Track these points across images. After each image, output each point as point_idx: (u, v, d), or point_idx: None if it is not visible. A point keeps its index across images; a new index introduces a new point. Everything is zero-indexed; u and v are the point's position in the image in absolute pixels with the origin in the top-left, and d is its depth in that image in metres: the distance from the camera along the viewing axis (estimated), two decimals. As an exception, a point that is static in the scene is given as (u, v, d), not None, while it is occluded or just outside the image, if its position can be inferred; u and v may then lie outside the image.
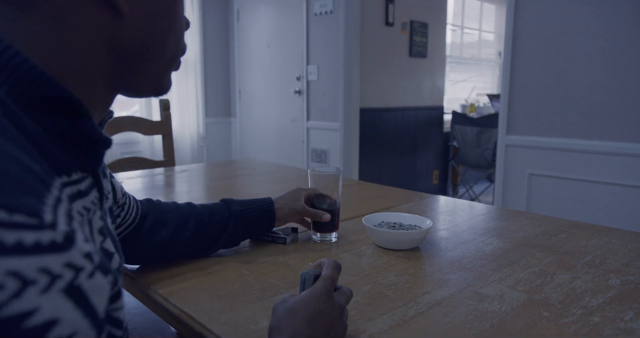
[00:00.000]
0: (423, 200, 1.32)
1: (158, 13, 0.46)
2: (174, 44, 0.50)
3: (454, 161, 4.50)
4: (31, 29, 0.39)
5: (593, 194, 2.26)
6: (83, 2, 0.40)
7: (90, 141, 0.42)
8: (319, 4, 3.51)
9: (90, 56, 0.42)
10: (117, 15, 0.43)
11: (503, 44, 2.57)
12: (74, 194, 0.41)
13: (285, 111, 3.99)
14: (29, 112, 0.37)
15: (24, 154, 0.32)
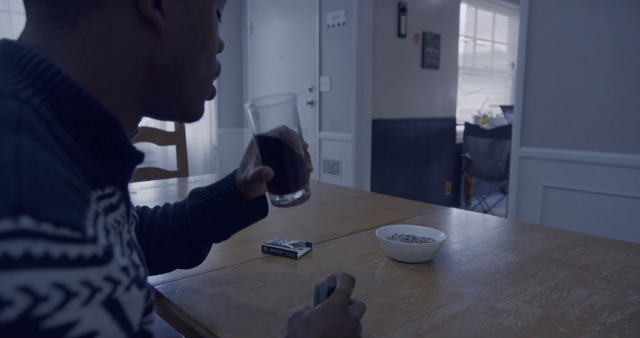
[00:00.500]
0: (436, 212, 1.31)
1: (194, 31, 0.47)
2: (207, 64, 0.50)
3: (467, 173, 4.47)
4: (71, 47, 0.41)
5: (609, 207, 2.23)
6: (123, 20, 0.42)
7: (123, 156, 0.43)
8: (332, 16, 3.54)
9: (126, 73, 0.44)
10: (154, 32, 0.44)
11: (516, 55, 2.56)
12: (107, 207, 0.42)
13: (298, 121, 4.00)
14: (67, 127, 0.38)
15: (65, 168, 0.33)
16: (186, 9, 0.46)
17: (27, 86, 0.38)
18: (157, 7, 0.43)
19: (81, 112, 0.39)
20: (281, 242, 0.96)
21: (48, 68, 0.38)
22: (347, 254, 0.95)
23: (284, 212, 1.29)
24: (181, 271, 0.83)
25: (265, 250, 0.95)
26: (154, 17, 0.43)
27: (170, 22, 0.45)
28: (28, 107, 0.35)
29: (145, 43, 0.44)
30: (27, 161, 0.29)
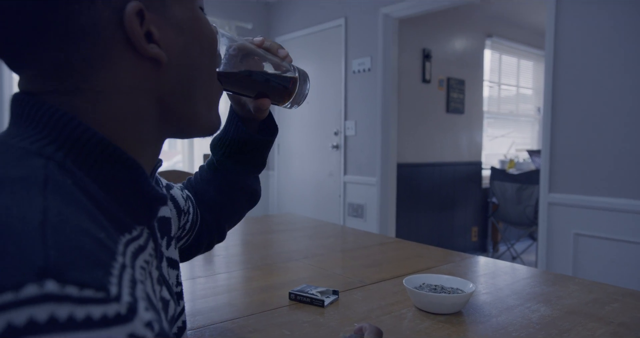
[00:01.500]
0: (463, 261, 1.29)
1: (190, 43, 0.47)
2: (207, 70, 0.51)
3: (494, 218, 4.39)
4: (79, 105, 0.41)
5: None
6: (125, 68, 0.42)
7: (147, 199, 0.45)
8: (358, 62, 3.64)
9: (139, 111, 0.45)
10: (158, 66, 0.44)
11: (542, 100, 2.57)
12: (136, 249, 0.42)
13: (323, 165, 4.05)
14: (92, 177, 0.40)
15: (91, 221, 0.34)
16: (176, 29, 0.46)
17: (50, 140, 0.39)
18: (151, 41, 0.43)
19: (104, 161, 0.40)
20: (308, 290, 0.96)
21: (70, 121, 0.39)
22: (374, 303, 0.94)
23: (310, 258, 1.29)
24: (209, 318, 0.83)
25: (292, 297, 0.95)
26: (153, 53, 0.43)
27: (168, 48, 0.45)
28: (53, 163, 0.37)
29: (153, 78, 0.45)
30: (53, 223, 0.30)
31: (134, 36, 0.41)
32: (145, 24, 0.42)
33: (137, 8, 0.41)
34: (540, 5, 4.06)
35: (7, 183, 0.33)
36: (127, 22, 0.41)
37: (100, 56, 0.41)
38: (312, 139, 4.16)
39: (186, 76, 0.48)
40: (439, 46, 4.02)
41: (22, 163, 0.36)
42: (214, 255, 1.35)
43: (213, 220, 0.78)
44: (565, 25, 2.42)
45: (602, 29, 2.28)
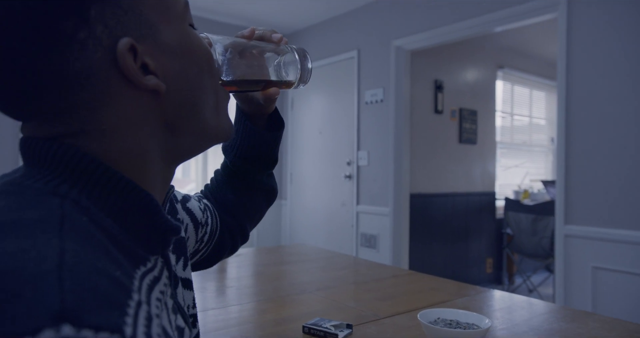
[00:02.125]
0: (479, 295, 1.27)
1: (186, 65, 0.47)
2: (209, 78, 0.51)
3: (509, 249, 4.32)
4: (87, 144, 0.42)
5: (667, 291, 2.09)
6: (126, 104, 0.43)
7: (160, 231, 0.45)
8: (370, 93, 3.69)
9: (147, 141, 0.45)
10: (158, 95, 0.44)
11: (555, 130, 2.56)
12: (152, 281, 0.43)
13: (336, 195, 4.05)
14: (106, 212, 0.40)
15: (107, 259, 0.35)
16: (170, 52, 0.46)
17: (64, 178, 0.39)
18: (147, 73, 0.43)
19: (117, 195, 0.41)
20: (322, 323, 0.95)
21: (82, 158, 0.40)
22: (389, 337, 0.92)
23: (323, 290, 1.28)
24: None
25: (306, 330, 0.94)
26: (151, 84, 0.43)
27: (165, 75, 0.45)
28: (69, 201, 0.37)
29: (155, 107, 0.45)
30: (69, 265, 0.31)
31: (130, 72, 0.41)
32: (139, 56, 0.42)
33: (129, 44, 0.41)
34: (551, 36, 4.10)
35: (25, 225, 0.34)
36: (121, 60, 0.41)
37: (100, 96, 0.41)
38: (324, 169, 4.18)
39: (188, 97, 0.48)
40: (450, 77, 4.06)
41: (38, 204, 0.36)
42: (226, 286, 1.35)
43: (234, 222, 0.78)
44: (576, 56, 2.44)
45: (614, 59, 2.29)
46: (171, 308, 0.49)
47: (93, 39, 0.40)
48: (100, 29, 0.40)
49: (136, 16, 0.43)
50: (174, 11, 0.47)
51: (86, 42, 0.39)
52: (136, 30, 0.43)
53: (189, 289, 0.61)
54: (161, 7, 0.46)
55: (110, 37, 0.41)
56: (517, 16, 2.78)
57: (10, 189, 0.39)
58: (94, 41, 0.40)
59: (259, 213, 0.82)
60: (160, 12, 0.45)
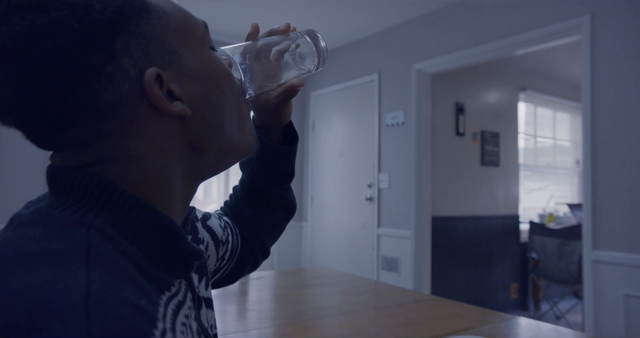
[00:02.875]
0: (504, 322, 1.24)
1: (209, 91, 0.48)
2: (234, 101, 0.52)
3: (534, 274, 4.21)
4: (114, 171, 0.43)
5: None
6: (154, 129, 0.44)
7: (183, 256, 0.46)
8: (391, 115, 3.70)
9: (172, 165, 0.46)
10: (184, 120, 0.46)
11: (581, 152, 2.52)
12: (177, 306, 0.43)
13: (356, 217, 4.03)
14: (130, 240, 0.41)
15: (132, 287, 0.35)
16: (194, 78, 0.47)
17: (90, 208, 0.40)
18: (173, 99, 0.45)
19: (141, 222, 0.42)
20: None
21: (106, 186, 0.41)
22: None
23: (345, 315, 1.26)
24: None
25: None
26: (178, 110, 0.44)
27: (189, 99, 0.46)
28: (94, 230, 0.38)
29: (180, 132, 0.46)
30: (96, 297, 0.32)
31: (157, 101, 0.43)
32: (165, 84, 0.44)
33: (155, 73, 0.43)
34: (574, 58, 4.07)
35: (52, 257, 0.35)
36: (148, 89, 0.42)
37: (128, 124, 0.43)
38: (345, 191, 4.17)
39: (212, 119, 0.49)
40: (472, 99, 4.05)
41: (65, 235, 0.37)
42: (247, 310, 1.35)
43: (254, 238, 0.78)
44: (601, 77, 2.41)
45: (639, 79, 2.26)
46: (195, 331, 0.49)
47: (120, 71, 0.41)
48: (126, 61, 0.42)
49: (159, 44, 0.44)
50: (194, 36, 0.49)
51: (114, 75, 0.41)
52: (160, 58, 0.44)
53: (211, 308, 0.62)
54: (182, 33, 0.47)
55: (136, 68, 0.42)
56: (539, 39, 2.77)
57: (38, 218, 0.40)
58: (121, 73, 0.41)
59: (278, 228, 0.82)
60: (181, 38, 0.47)
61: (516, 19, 2.85)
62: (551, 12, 2.68)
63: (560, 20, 2.63)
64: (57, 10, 0.38)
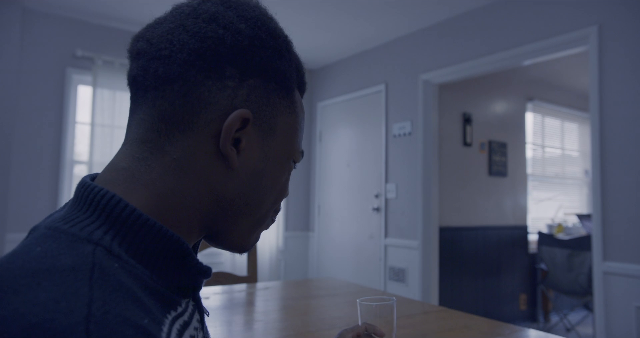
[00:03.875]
0: (513, 334, 1.23)
1: (263, 174, 0.51)
2: (270, 203, 0.54)
3: (544, 286, 4.16)
4: (152, 170, 0.45)
5: None
6: (203, 151, 0.47)
7: (192, 273, 0.46)
8: (398, 126, 3.70)
9: (194, 199, 0.47)
10: (227, 167, 0.48)
11: (590, 162, 2.50)
12: (182, 326, 0.44)
13: (363, 227, 4.02)
14: (138, 259, 0.42)
15: (136, 306, 0.36)
16: (263, 154, 0.50)
17: (99, 224, 0.41)
18: (235, 146, 0.48)
19: (150, 240, 0.42)
20: (350, 361, 0.93)
21: (117, 204, 0.42)
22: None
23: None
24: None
25: (333, 369, 0.92)
26: (229, 153, 0.47)
27: (244, 161, 0.49)
28: (100, 248, 0.39)
29: (217, 175, 0.48)
30: (97, 317, 0.32)
31: (226, 129, 0.46)
32: (242, 132, 0.48)
33: (247, 115, 0.47)
34: (582, 68, 4.07)
35: (57, 274, 0.35)
36: (230, 119, 0.46)
37: (191, 127, 0.46)
38: (352, 202, 4.17)
39: (247, 195, 0.50)
40: (479, 109, 4.05)
41: (72, 251, 0.37)
42: (254, 320, 1.34)
43: None
44: (609, 88, 2.41)
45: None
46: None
47: (232, 91, 0.47)
48: (243, 92, 0.48)
49: (270, 114, 0.50)
50: (293, 142, 0.54)
51: (228, 89, 0.47)
52: (259, 119, 0.49)
53: None
54: (290, 128, 0.53)
55: (241, 102, 0.48)
56: (547, 49, 2.77)
57: (48, 233, 0.40)
58: (232, 93, 0.47)
59: None
60: (286, 131, 0.52)
61: (523, 29, 2.86)
62: (559, 23, 2.68)
63: (568, 30, 2.63)
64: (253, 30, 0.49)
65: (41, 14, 3.33)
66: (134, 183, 0.45)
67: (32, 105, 3.28)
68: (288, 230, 4.54)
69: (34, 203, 3.23)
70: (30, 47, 3.28)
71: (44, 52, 3.34)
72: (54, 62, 3.38)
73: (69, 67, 3.42)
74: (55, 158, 3.35)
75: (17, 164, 3.20)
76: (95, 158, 3.35)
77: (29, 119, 3.26)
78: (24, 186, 3.22)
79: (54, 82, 3.38)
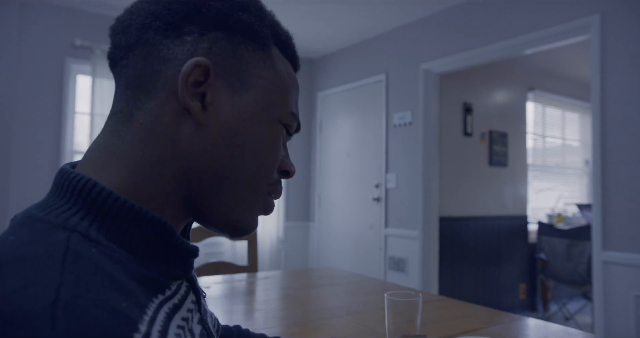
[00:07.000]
0: (513, 323, 1.23)
1: (238, 132, 0.47)
2: (257, 175, 0.49)
3: (543, 275, 4.18)
4: (123, 140, 0.45)
5: None
6: (167, 110, 0.45)
7: (178, 253, 0.45)
8: (398, 116, 3.69)
9: (167, 167, 0.45)
10: (195, 125, 0.45)
11: (590, 152, 2.50)
12: (171, 310, 0.42)
13: (363, 217, 4.03)
14: (119, 243, 0.40)
15: (114, 290, 0.34)
16: (235, 111, 0.47)
17: (76, 210, 0.40)
18: (201, 102, 0.45)
19: (129, 223, 0.41)
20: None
21: (92, 188, 0.41)
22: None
23: (353, 315, 1.26)
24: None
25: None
26: (190, 105, 0.44)
27: (213, 117, 0.46)
28: (76, 234, 0.37)
29: (186, 135, 0.45)
30: (65, 301, 0.31)
31: (182, 79, 0.44)
32: (207, 85, 0.45)
33: (203, 62, 0.45)
34: (583, 57, 4.04)
35: (28, 262, 0.34)
36: (186, 65, 0.44)
37: (154, 88, 0.45)
38: (353, 192, 4.17)
39: (221, 160, 0.47)
40: (480, 99, 4.03)
41: (45, 239, 0.36)
42: (255, 309, 1.35)
43: None
44: (611, 77, 2.39)
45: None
46: (199, 334, 0.47)
47: (189, 45, 0.46)
48: (203, 45, 0.46)
49: (237, 64, 0.48)
50: (276, 101, 0.51)
51: (186, 43, 0.46)
52: (227, 73, 0.47)
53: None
54: (269, 87, 0.50)
55: (201, 55, 0.46)
56: (548, 38, 2.75)
57: (23, 221, 0.39)
58: (189, 46, 0.46)
59: None
60: (265, 87, 0.49)
61: (525, 18, 2.84)
62: (560, 11, 2.66)
63: (570, 19, 2.61)
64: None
65: (39, 3, 3.30)
66: (108, 157, 0.44)
67: (32, 95, 3.27)
68: (288, 220, 4.55)
69: (34, 193, 3.23)
70: (29, 37, 3.27)
71: (42, 42, 3.32)
72: (53, 52, 3.36)
73: (68, 57, 3.41)
74: (55, 148, 3.35)
75: (17, 155, 3.20)
76: (95, 149, 3.34)
77: (28, 110, 3.25)
78: (24, 177, 3.22)
79: (53, 72, 3.36)
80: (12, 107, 3.16)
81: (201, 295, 0.52)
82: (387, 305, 0.87)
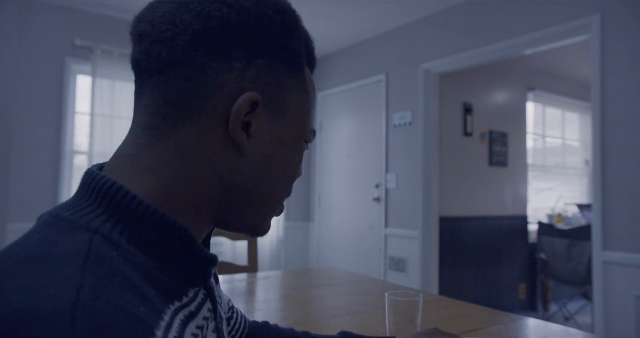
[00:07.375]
0: (513, 323, 1.23)
1: (276, 158, 0.49)
2: (282, 188, 0.52)
3: (543, 275, 4.18)
4: (158, 156, 0.44)
5: None
6: (211, 136, 0.45)
7: (197, 261, 0.45)
8: (398, 116, 3.69)
9: (203, 185, 0.46)
10: (237, 153, 0.46)
11: (590, 152, 2.50)
12: (186, 317, 0.42)
13: (363, 217, 4.03)
14: (140, 247, 0.40)
15: (132, 295, 0.35)
16: (274, 137, 0.48)
17: (100, 212, 0.40)
18: (245, 130, 0.46)
19: (151, 229, 0.41)
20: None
21: (118, 191, 0.41)
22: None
23: (353, 315, 1.26)
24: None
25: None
26: (239, 139, 0.45)
27: (255, 146, 0.47)
28: (98, 236, 0.38)
29: (227, 161, 0.46)
30: (85, 302, 0.31)
31: (235, 114, 0.45)
32: (252, 115, 0.46)
33: (256, 98, 0.45)
34: (583, 57, 4.04)
35: (50, 261, 0.34)
36: (239, 101, 0.44)
37: (198, 112, 0.45)
38: (353, 192, 4.17)
39: (258, 180, 0.49)
40: (480, 99, 4.03)
41: (68, 239, 0.37)
42: (255, 309, 1.35)
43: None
44: (611, 77, 2.39)
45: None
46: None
47: (240, 72, 0.45)
48: (252, 73, 0.46)
49: (279, 91, 0.48)
50: (304, 121, 0.52)
51: (235, 72, 0.45)
52: (270, 100, 0.47)
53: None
54: (302, 108, 0.51)
55: (251, 84, 0.46)
56: (548, 38, 2.75)
57: (49, 220, 0.40)
58: (240, 75, 0.45)
59: None
60: (298, 110, 0.50)
61: (525, 18, 2.84)
62: (560, 11, 2.66)
63: (570, 19, 2.61)
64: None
65: (39, 3, 3.30)
66: (140, 169, 0.44)
67: (32, 95, 3.27)
68: (288, 220, 4.55)
69: (34, 193, 3.23)
70: (29, 37, 3.27)
71: (42, 42, 3.32)
72: (53, 52, 3.36)
73: (68, 57, 3.41)
74: (55, 148, 3.35)
75: (17, 154, 3.20)
76: (95, 148, 3.35)
77: (28, 110, 3.25)
78: (25, 176, 3.22)
79: (53, 72, 3.36)
80: (12, 107, 3.16)
81: (218, 304, 0.52)
82: (388, 305, 0.87)
